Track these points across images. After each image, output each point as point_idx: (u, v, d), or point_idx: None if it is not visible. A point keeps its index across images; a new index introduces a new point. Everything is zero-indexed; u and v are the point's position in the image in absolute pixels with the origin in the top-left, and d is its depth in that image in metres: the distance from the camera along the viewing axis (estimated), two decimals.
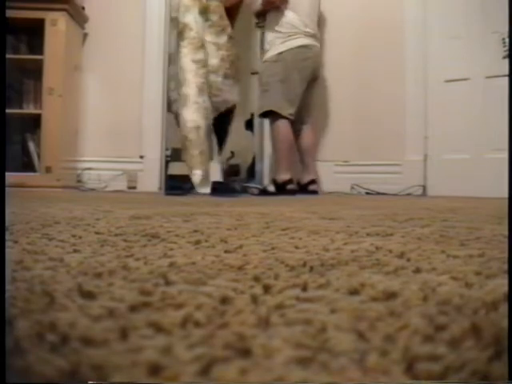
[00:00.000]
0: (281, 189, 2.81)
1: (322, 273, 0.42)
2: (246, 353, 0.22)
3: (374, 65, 3.32)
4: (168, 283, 0.37)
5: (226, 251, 0.55)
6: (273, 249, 0.57)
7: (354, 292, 0.35)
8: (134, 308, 0.29)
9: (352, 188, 3.36)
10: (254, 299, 0.32)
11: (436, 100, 3.05)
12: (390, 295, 0.34)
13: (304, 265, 0.46)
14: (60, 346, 0.24)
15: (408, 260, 0.51)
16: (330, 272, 0.43)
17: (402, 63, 3.17)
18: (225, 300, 0.31)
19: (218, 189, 2.57)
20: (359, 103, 3.34)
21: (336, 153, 3.28)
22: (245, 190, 3.10)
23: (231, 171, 4.41)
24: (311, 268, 0.44)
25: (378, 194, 3.18)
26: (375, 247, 0.59)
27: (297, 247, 0.59)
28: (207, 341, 0.24)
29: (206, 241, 0.64)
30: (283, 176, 2.84)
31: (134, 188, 2.91)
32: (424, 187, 3.11)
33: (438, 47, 3.04)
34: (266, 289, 0.35)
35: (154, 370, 0.21)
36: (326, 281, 0.38)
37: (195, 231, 0.75)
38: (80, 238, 0.65)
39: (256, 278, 0.39)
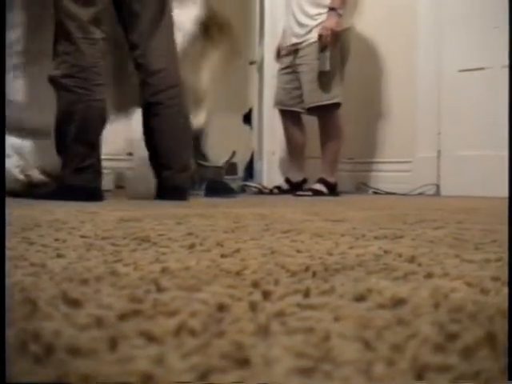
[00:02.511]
0: (332, 190, 2.83)
1: (325, 278, 0.43)
2: (244, 363, 0.23)
3: (381, 53, 3.33)
4: (160, 290, 0.37)
5: (222, 255, 0.55)
6: (273, 253, 0.57)
7: (359, 299, 0.35)
8: (123, 316, 0.30)
9: (358, 187, 3.37)
10: (253, 306, 0.32)
11: (450, 91, 3.05)
12: (399, 302, 0.34)
13: (306, 270, 0.46)
14: (45, 356, 0.25)
15: (419, 265, 0.51)
16: (334, 277, 0.43)
17: (413, 51, 3.17)
18: (221, 307, 0.32)
19: (213, 189, 2.57)
20: (365, 95, 3.35)
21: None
22: (243, 190, 3.11)
23: (228, 169, 4.42)
24: (314, 273, 0.45)
25: (387, 193, 3.19)
26: (383, 251, 0.60)
27: (298, 251, 0.59)
28: (203, 350, 0.24)
29: (201, 244, 0.64)
30: (335, 177, 2.88)
31: (123, 188, 2.91)
32: (437, 186, 3.12)
33: (451, 34, 3.04)
34: (266, 295, 0.36)
35: (147, 380, 0.21)
36: (329, 287, 0.39)
37: (189, 234, 0.75)
38: (64, 241, 0.65)
39: (255, 284, 0.39)
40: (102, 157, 1.91)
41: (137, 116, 2.07)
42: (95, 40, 1.83)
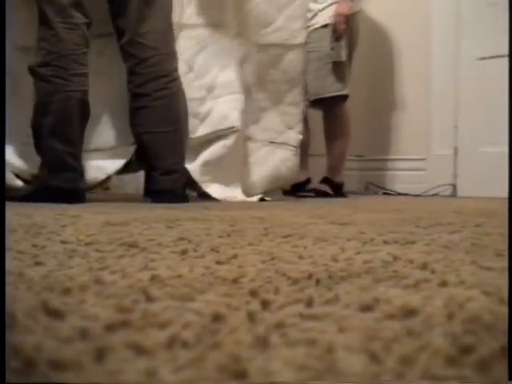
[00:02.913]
0: (337, 191, 2.84)
1: (329, 286, 0.43)
2: (241, 376, 0.23)
3: (392, 40, 3.34)
4: (150, 299, 0.38)
5: (217, 262, 0.56)
6: (272, 259, 0.58)
7: (366, 308, 0.36)
8: (110, 328, 0.30)
9: (367, 187, 3.38)
10: (251, 317, 0.33)
11: (468, 81, 3.06)
12: (409, 312, 0.35)
13: (309, 277, 0.47)
14: (26, 372, 0.25)
15: (432, 272, 0.52)
16: (340, 285, 0.44)
17: (428, 37, 3.18)
18: (216, 318, 0.32)
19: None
20: (375, 86, 3.36)
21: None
22: None
23: None
24: (317, 281, 0.45)
25: (399, 194, 3.20)
26: (393, 257, 0.60)
27: (301, 257, 0.60)
28: (196, 363, 0.25)
29: (194, 250, 0.65)
30: (342, 176, 2.88)
31: (108, 189, 2.92)
32: (453, 186, 3.13)
33: (470, 18, 3.05)
34: (265, 305, 0.36)
35: None
36: (334, 295, 0.39)
37: (181, 239, 0.76)
38: (43, 248, 0.66)
39: (253, 293, 0.40)
40: (84, 154, 1.90)
41: None
42: (76, 25, 1.82)
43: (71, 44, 1.81)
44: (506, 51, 2.96)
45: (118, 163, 2.07)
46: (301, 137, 2.49)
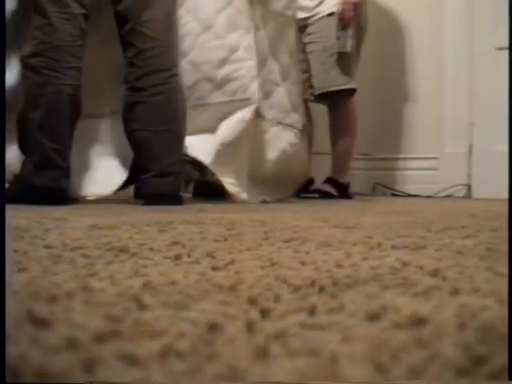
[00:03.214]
0: (343, 192, 2.84)
1: (333, 294, 0.44)
2: None
3: (402, 28, 3.34)
4: (142, 307, 0.38)
5: (213, 268, 0.56)
6: (273, 265, 0.59)
7: (373, 317, 0.37)
8: (100, 337, 0.31)
9: (374, 188, 3.38)
10: (250, 326, 0.34)
11: (484, 73, 3.06)
12: (418, 321, 0.36)
13: (311, 284, 0.47)
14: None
15: (443, 279, 0.52)
16: (345, 293, 0.44)
17: (441, 25, 3.18)
18: (213, 327, 0.33)
19: (201, 190, 2.58)
20: (383, 79, 3.36)
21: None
22: None
23: None
24: (321, 288, 0.46)
25: (409, 196, 3.21)
26: (402, 263, 0.61)
27: (303, 263, 0.60)
28: (192, 375, 0.25)
29: (189, 255, 0.66)
30: (348, 176, 2.89)
31: None
32: (468, 187, 3.14)
33: (487, 4, 3.05)
34: (264, 313, 0.37)
35: None
36: (338, 304, 0.40)
37: (174, 244, 0.77)
38: (25, 253, 0.66)
39: (251, 301, 0.40)
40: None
41: None
42: (72, 15, 1.82)
43: (66, 35, 1.81)
44: None
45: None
46: (305, 120, 2.49)
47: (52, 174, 1.80)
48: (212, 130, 2.13)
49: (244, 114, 2.12)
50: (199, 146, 2.09)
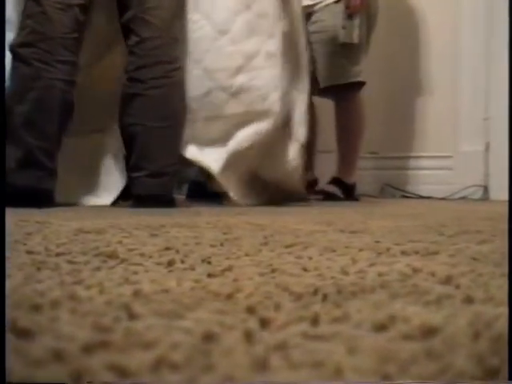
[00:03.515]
0: (349, 194, 2.84)
1: (338, 303, 0.44)
2: None
3: (415, 18, 3.34)
4: (133, 317, 0.39)
5: (209, 275, 0.57)
6: (273, 271, 0.59)
7: (380, 327, 0.37)
8: (88, 348, 0.31)
9: (383, 190, 3.39)
10: (248, 336, 0.34)
11: (502, 66, 3.07)
12: (429, 331, 0.36)
13: (314, 292, 0.48)
14: None
15: (457, 287, 0.53)
16: (350, 302, 0.45)
17: (457, 15, 3.19)
18: (209, 337, 0.33)
19: (196, 191, 2.59)
20: (393, 72, 3.37)
21: None
22: None
23: None
24: (324, 296, 0.46)
25: (420, 197, 3.21)
26: (412, 269, 0.61)
27: (305, 269, 0.61)
28: None
29: (182, 261, 0.66)
30: (354, 177, 2.89)
31: None
32: (485, 188, 3.14)
33: None
34: (264, 323, 0.37)
35: None
36: (343, 313, 0.40)
37: (167, 249, 0.77)
38: (7, 259, 0.66)
39: (250, 310, 0.41)
40: None
41: None
42: (68, 6, 1.82)
43: (60, 26, 1.81)
44: None
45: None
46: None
47: (36, 174, 1.80)
48: (225, 140, 2.11)
49: (262, 127, 2.10)
50: (209, 153, 2.09)
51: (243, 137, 2.10)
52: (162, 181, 1.96)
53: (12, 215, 1.34)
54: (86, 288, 0.50)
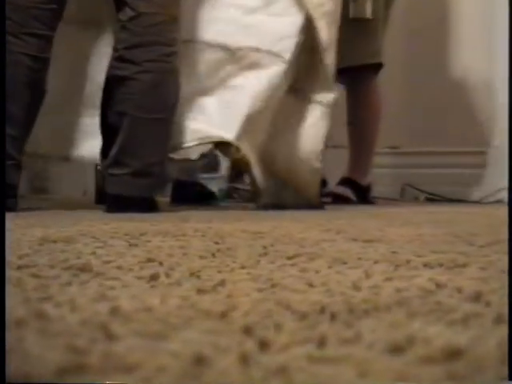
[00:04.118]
0: (362, 196, 2.84)
1: (348, 322, 0.45)
2: None
3: None
4: (111, 338, 0.40)
5: (198, 291, 0.58)
6: (273, 287, 0.60)
7: (396, 349, 0.38)
8: (62, 372, 0.32)
9: (403, 191, 3.39)
10: (244, 359, 0.35)
11: None
12: (453, 354, 0.37)
13: (321, 311, 0.49)
14: None
15: (487, 304, 0.54)
16: (362, 321, 0.46)
17: None
18: (199, 360, 0.34)
19: (182, 193, 2.59)
20: (416, 53, 3.37)
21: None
22: (228, 195, 3.12)
23: (205, 164, 4.40)
24: (332, 316, 0.47)
25: (448, 200, 3.21)
26: (435, 284, 0.62)
27: (311, 285, 0.62)
28: None
29: (167, 275, 0.67)
30: (369, 176, 2.90)
31: (45, 192, 2.93)
32: None
33: None
34: (263, 345, 0.38)
35: None
36: (354, 334, 0.41)
37: (149, 261, 0.78)
38: None
39: (247, 330, 0.42)
40: None
41: None
42: None
43: None
44: None
45: None
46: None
47: None
48: (229, 86, 2.16)
49: (270, 74, 2.16)
50: (217, 123, 2.12)
51: (253, 92, 2.14)
52: (147, 182, 1.96)
53: None
54: (55, 305, 0.51)
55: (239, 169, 2.28)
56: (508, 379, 0.30)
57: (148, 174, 1.96)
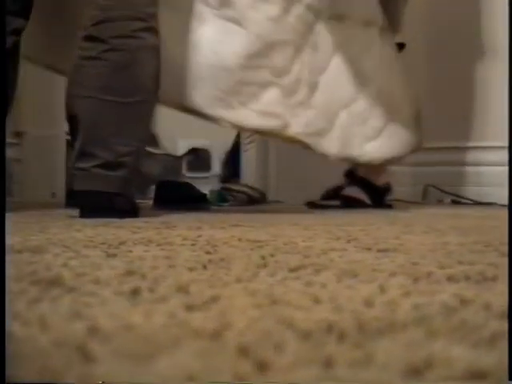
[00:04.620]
0: (378, 199, 2.84)
1: (359, 342, 0.46)
2: None
3: None
4: (89, 359, 0.40)
5: (187, 307, 0.58)
6: (273, 303, 0.61)
7: (413, 371, 0.39)
8: None
9: (426, 192, 3.39)
10: (241, 382, 0.36)
11: None
12: (477, 375, 0.38)
13: (328, 330, 0.50)
14: None
15: None
16: (375, 341, 0.47)
17: None
18: (190, 381, 0.35)
19: (167, 195, 2.60)
20: (441, 32, 3.37)
21: None
22: (222, 199, 3.13)
23: (193, 162, 4.40)
24: (341, 335, 0.48)
25: (478, 203, 3.22)
26: (460, 300, 0.63)
27: (316, 301, 0.63)
28: None
29: (151, 290, 0.68)
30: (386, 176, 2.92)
31: (8, 194, 2.93)
32: None
33: None
34: (262, 367, 0.39)
35: None
36: (365, 354, 0.42)
37: (129, 273, 0.79)
38: None
39: (243, 351, 0.43)
40: None
41: None
42: None
43: None
44: None
45: None
46: None
47: None
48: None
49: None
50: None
51: None
52: (119, 175, 1.96)
53: None
54: (23, 324, 0.51)
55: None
56: (508, 379, 0.31)
57: (120, 166, 1.96)
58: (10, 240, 1.14)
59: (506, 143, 3.24)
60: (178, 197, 2.61)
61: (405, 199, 3.19)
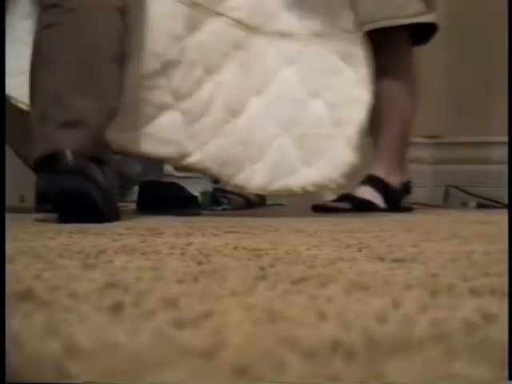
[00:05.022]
0: (394, 201, 2.83)
1: (369, 361, 0.47)
2: None
3: None
4: (68, 378, 0.41)
5: (176, 324, 0.59)
6: (273, 318, 0.61)
7: None
8: None
9: (447, 194, 3.39)
10: None
11: None
12: None
13: (334, 348, 0.50)
14: None
15: None
16: (386, 360, 0.47)
17: None
18: None
19: (152, 197, 2.60)
20: (466, 15, 3.37)
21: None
22: (215, 201, 3.13)
23: None
24: (349, 353, 0.49)
25: (505, 206, 3.22)
26: (483, 315, 0.64)
27: (322, 316, 0.63)
28: None
29: (135, 304, 0.68)
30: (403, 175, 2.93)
31: None
32: None
33: None
34: None
35: None
36: (376, 375, 0.43)
37: (110, 286, 0.79)
38: None
39: (239, 371, 0.43)
40: None
41: None
42: None
43: None
44: None
45: None
46: None
47: None
48: None
49: None
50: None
51: None
52: (79, 133, 1.97)
53: None
54: None
55: None
56: (508, 379, 0.32)
57: (79, 123, 1.98)
58: None
59: None
60: (164, 199, 2.61)
61: (424, 202, 3.18)
